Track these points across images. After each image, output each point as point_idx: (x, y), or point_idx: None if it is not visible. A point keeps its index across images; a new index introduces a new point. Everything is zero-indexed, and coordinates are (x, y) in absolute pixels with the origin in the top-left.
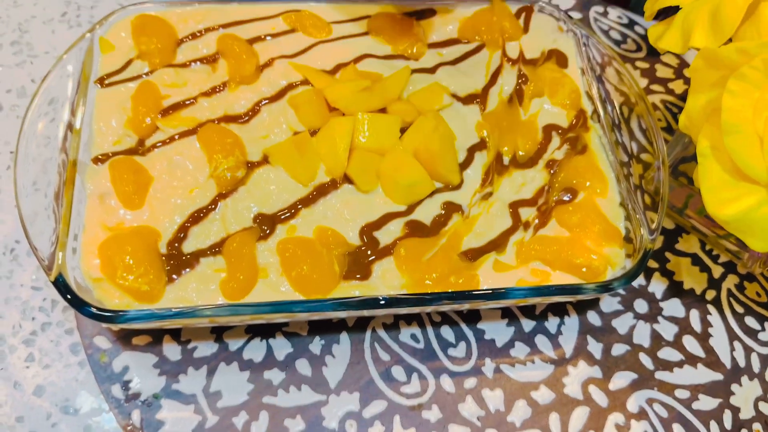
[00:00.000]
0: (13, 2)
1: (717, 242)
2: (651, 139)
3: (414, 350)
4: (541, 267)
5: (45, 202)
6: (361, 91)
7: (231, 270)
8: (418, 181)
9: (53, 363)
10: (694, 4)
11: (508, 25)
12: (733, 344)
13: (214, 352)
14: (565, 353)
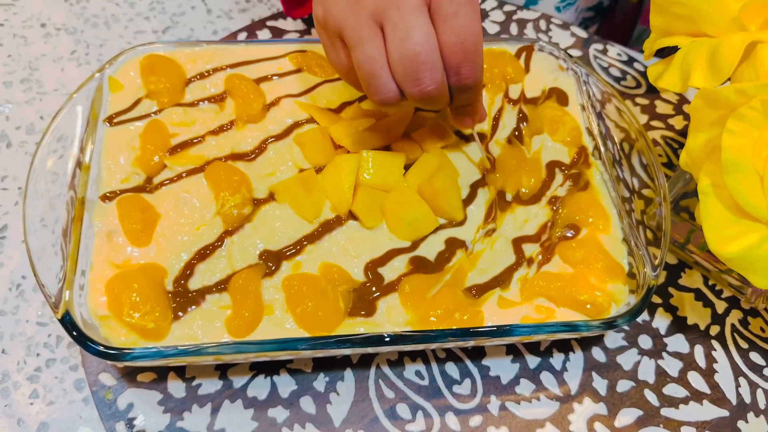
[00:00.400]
0: (24, 41)
1: (720, 277)
2: (652, 175)
3: (419, 387)
4: (545, 303)
5: (52, 238)
6: (365, 129)
7: (236, 307)
8: (422, 218)
9: (57, 399)
10: (693, 45)
11: (511, 69)
12: (739, 380)
13: (218, 390)
14: (570, 390)
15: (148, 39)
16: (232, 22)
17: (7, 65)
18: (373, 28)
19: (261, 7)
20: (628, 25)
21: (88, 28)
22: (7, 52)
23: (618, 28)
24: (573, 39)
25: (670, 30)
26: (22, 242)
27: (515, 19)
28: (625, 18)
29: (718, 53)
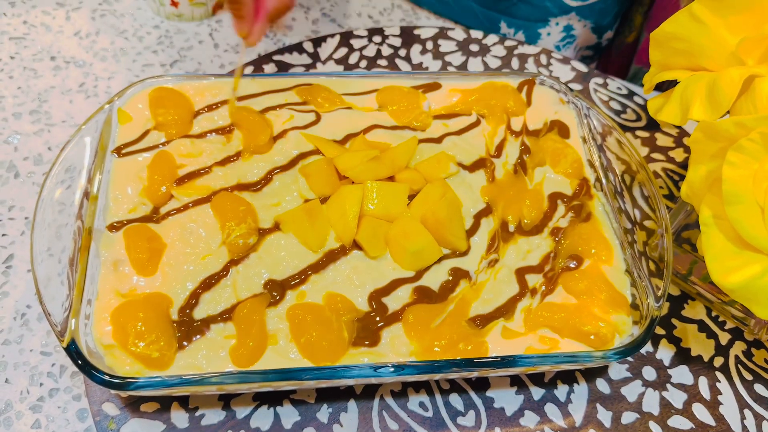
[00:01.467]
0: (34, 74)
1: (723, 309)
2: (654, 206)
3: (423, 419)
4: (549, 334)
5: (59, 268)
6: (370, 161)
7: (241, 337)
8: (425, 248)
9: (60, 430)
10: (692, 79)
11: (512, 103)
12: (744, 412)
13: (221, 420)
14: (575, 422)
15: (156, 72)
16: (238, 56)
17: (17, 97)
18: None
19: (267, 42)
20: (624, 63)
21: (97, 61)
22: (17, 84)
23: (614, 67)
24: (573, 73)
25: (670, 64)
26: (28, 272)
27: (516, 53)
28: (621, 57)
29: (717, 87)
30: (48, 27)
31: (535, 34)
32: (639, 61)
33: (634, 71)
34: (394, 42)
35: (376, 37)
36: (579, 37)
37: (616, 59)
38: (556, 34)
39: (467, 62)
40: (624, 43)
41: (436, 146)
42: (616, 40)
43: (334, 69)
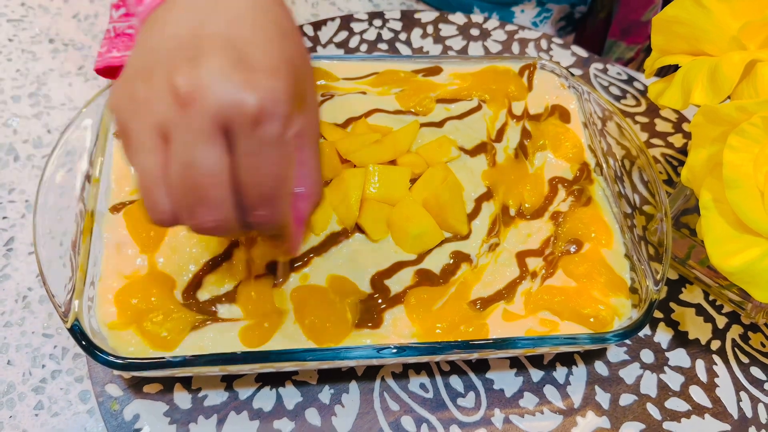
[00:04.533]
0: (32, 56)
1: (720, 293)
2: (653, 191)
3: (423, 400)
4: (549, 317)
5: (60, 250)
6: (372, 144)
7: (249, 317)
8: (427, 231)
9: (62, 411)
10: (693, 63)
11: (514, 87)
12: (740, 394)
13: (224, 401)
14: (573, 403)
15: None
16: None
17: (15, 80)
18: (155, 140)
19: None
20: (598, 38)
21: (96, 44)
22: (16, 67)
23: (589, 41)
24: (574, 58)
25: (671, 49)
26: (29, 254)
27: (517, 38)
28: (595, 32)
29: (719, 71)
30: (46, 9)
31: (509, 14)
32: (612, 35)
33: (609, 45)
34: (394, 26)
35: (376, 20)
36: (554, 12)
37: (590, 34)
38: (530, 11)
39: (468, 47)
40: (598, 19)
41: (437, 130)
42: (590, 16)
43: (334, 53)
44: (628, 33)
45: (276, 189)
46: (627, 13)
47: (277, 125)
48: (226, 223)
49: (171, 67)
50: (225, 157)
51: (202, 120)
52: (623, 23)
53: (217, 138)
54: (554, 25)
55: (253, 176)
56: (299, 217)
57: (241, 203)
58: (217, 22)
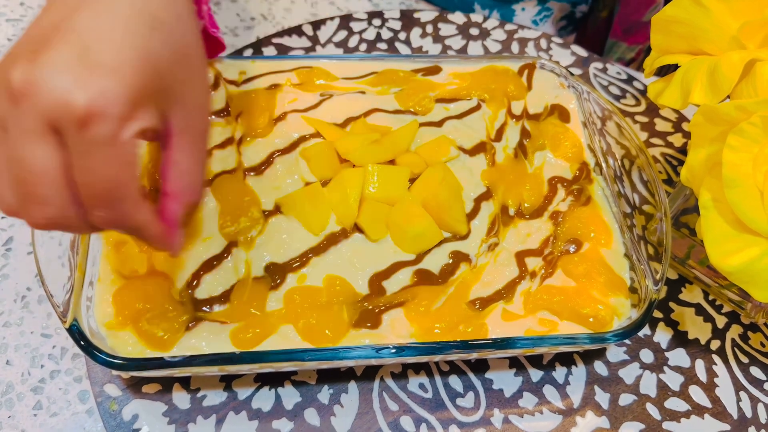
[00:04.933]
0: None
1: (720, 292)
2: (653, 190)
3: (422, 400)
4: (548, 317)
5: (59, 250)
6: (371, 144)
7: (242, 320)
8: (426, 231)
9: (61, 411)
10: (693, 63)
11: (513, 87)
12: (739, 394)
13: (223, 401)
14: (572, 403)
15: None
16: (237, 39)
17: None
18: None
19: (266, 25)
20: (599, 38)
21: None
22: None
23: (590, 41)
24: (573, 58)
25: (670, 48)
26: (28, 254)
27: (516, 38)
28: (597, 31)
29: (718, 71)
30: None
31: (510, 12)
32: (613, 35)
33: (610, 45)
34: (393, 25)
35: (375, 20)
36: (555, 10)
37: (591, 33)
38: (531, 9)
39: (467, 46)
40: (599, 18)
41: (436, 130)
42: (591, 16)
43: (333, 52)
44: (630, 33)
45: (112, 191)
46: (628, 13)
47: (107, 127)
48: (62, 221)
49: (14, 60)
50: (55, 155)
51: (30, 117)
52: (624, 23)
53: (45, 136)
54: (555, 24)
55: (86, 176)
56: (169, 218)
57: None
58: (82, 15)
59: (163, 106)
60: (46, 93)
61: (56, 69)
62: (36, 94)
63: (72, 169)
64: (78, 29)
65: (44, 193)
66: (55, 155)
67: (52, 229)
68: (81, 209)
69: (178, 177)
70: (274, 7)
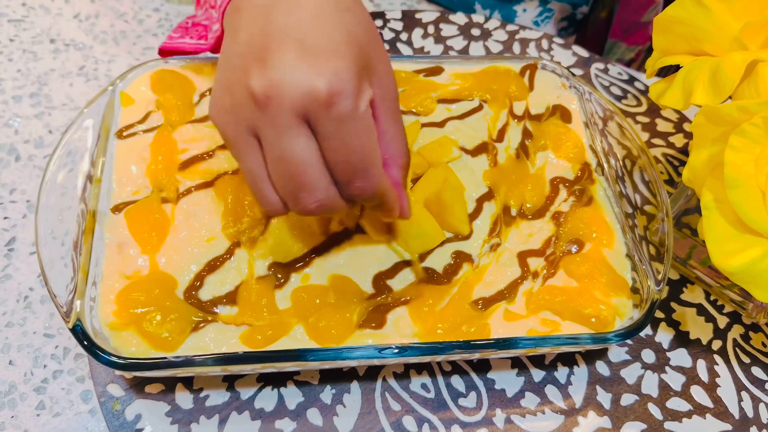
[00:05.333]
0: (33, 56)
1: (721, 293)
2: (654, 191)
3: (425, 400)
4: (551, 317)
5: (62, 251)
6: None
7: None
8: (428, 231)
9: (64, 411)
10: (695, 63)
11: (515, 87)
12: (741, 394)
13: (225, 401)
14: (575, 403)
15: (156, 56)
16: None
17: (16, 80)
18: (251, 142)
19: None
20: (599, 39)
21: (97, 44)
22: (17, 67)
23: (590, 42)
24: (575, 58)
25: (672, 49)
26: (30, 255)
27: (518, 38)
28: (597, 32)
29: (720, 72)
30: (47, 9)
31: (511, 12)
32: (613, 35)
33: (609, 46)
34: (395, 26)
35: (377, 20)
36: (556, 11)
37: (592, 34)
38: (532, 10)
39: (469, 47)
40: (599, 19)
41: (438, 130)
42: (591, 16)
43: None
44: (629, 34)
45: (364, 160)
46: (628, 13)
47: (348, 102)
48: (328, 201)
49: (245, 72)
50: (311, 142)
51: (281, 115)
52: (624, 24)
53: (299, 128)
54: (556, 25)
55: (341, 154)
56: (395, 183)
57: (338, 180)
58: (278, 15)
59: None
60: (290, 89)
61: (290, 66)
62: (281, 94)
63: (326, 152)
64: (284, 28)
65: (311, 180)
66: (311, 142)
67: (321, 212)
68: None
69: (390, 143)
70: None
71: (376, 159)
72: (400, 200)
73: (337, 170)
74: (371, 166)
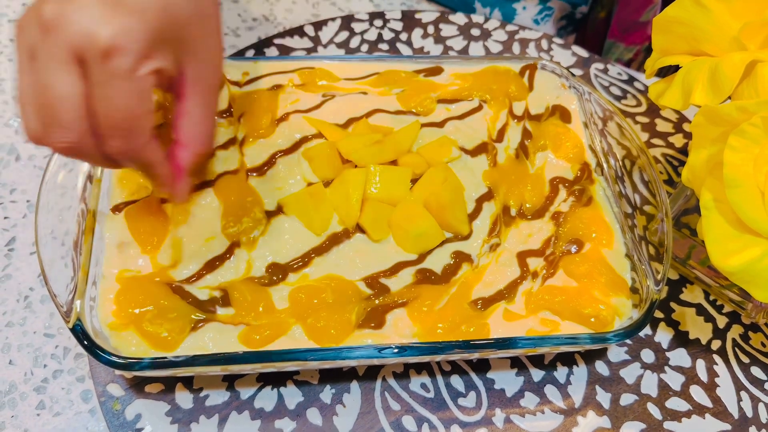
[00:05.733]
0: None
1: (720, 293)
2: (654, 191)
3: (424, 399)
4: (550, 317)
5: (62, 250)
6: (373, 144)
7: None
8: (428, 231)
9: (64, 411)
10: (694, 64)
11: (514, 87)
12: (740, 394)
13: (225, 401)
14: (574, 403)
15: None
16: (239, 39)
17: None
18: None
19: (267, 25)
20: (598, 39)
21: None
22: None
23: (589, 42)
24: (574, 58)
25: (672, 49)
26: (31, 254)
27: (517, 38)
28: (596, 32)
29: (719, 72)
30: None
31: (511, 10)
32: (611, 35)
33: (608, 46)
34: (395, 26)
35: (377, 21)
36: (556, 10)
37: (591, 34)
38: (532, 8)
39: (468, 47)
40: (597, 19)
41: (438, 130)
42: (590, 17)
43: (335, 53)
44: (628, 33)
45: (126, 121)
46: (626, 13)
47: (126, 60)
48: (79, 147)
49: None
50: (77, 83)
51: (58, 46)
52: (623, 24)
53: (69, 65)
54: (555, 24)
55: (104, 106)
56: (178, 165)
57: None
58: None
59: (178, 55)
60: (74, 25)
61: (86, 5)
62: (64, 26)
63: (91, 100)
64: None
65: (65, 118)
66: (78, 84)
67: (72, 155)
68: (98, 140)
69: (190, 126)
70: (276, 8)
71: (140, 126)
72: (175, 182)
73: (97, 122)
74: (132, 131)
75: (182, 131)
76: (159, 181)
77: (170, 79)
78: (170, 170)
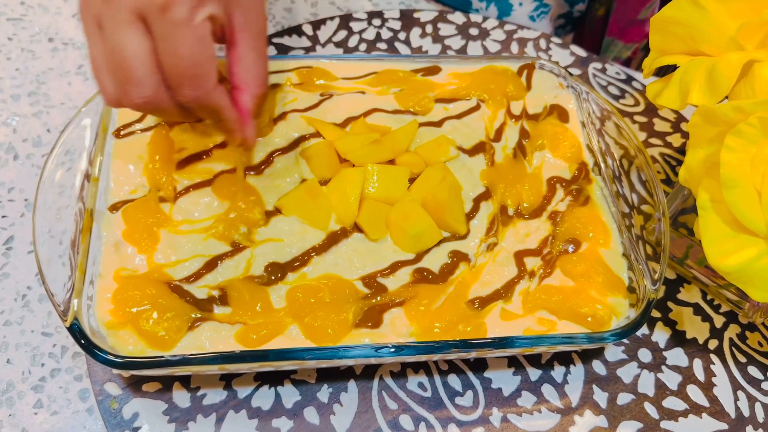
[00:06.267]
0: (32, 55)
1: (718, 292)
2: (651, 191)
3: (421, 399)
4: (547, 316)
5: (60, 249)
6: (370, 144)
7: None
8: (425, 230)
9: (61, 409)
10: (691, 64)
11: (512, 87)
12: (737, 394)
13: (223, 400)
14: (571, 402)
15: None
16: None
17: (15, 79)
18: (96, 31)
19: None
20: (596, 37)
21: None
22: (15, 65)
23: (587, 40)
24: (572, 58)
25: (669, 49)
26: (28, 253)
27: (516, 38)
28: (594, 30)
29: (716, 72)
30: (45, 8)
31: (507, 6)
32: (610, 33)
33: (606, 44)
34: (393, 25)
35: (375, 20)
36: (552, 7)
37: (589, 32)
38: (528, 4)
39: (467, 46)
40: (596, 17)
41: (436, 130)
42: (588, 14)
43: (333, 52)
44: (626, 31)
45: (193, 68)
46: (624, 11)
47: (182, 9)
48: (155, 100)
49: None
50: (145, 40)
51: (120, 11)
52: (621, 22)
53: (134, 24)
54: (552, 22)
55: (171, 57)
56: (241, 109)
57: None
58: None
59: (226, 5)
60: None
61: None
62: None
63: (159, 55)
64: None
65: (139, 74)
66: (144, 41)
67: (149, 110)
68: (170, 91)
69: (245, 70)
70: (274, 7)
71: (206, 71)
72: (243, 125)
73: (167, 74)
74: (200, 77)
75: (239, 76)
76: (229, 126)
77: (221, 29)
78: (237, 114)
